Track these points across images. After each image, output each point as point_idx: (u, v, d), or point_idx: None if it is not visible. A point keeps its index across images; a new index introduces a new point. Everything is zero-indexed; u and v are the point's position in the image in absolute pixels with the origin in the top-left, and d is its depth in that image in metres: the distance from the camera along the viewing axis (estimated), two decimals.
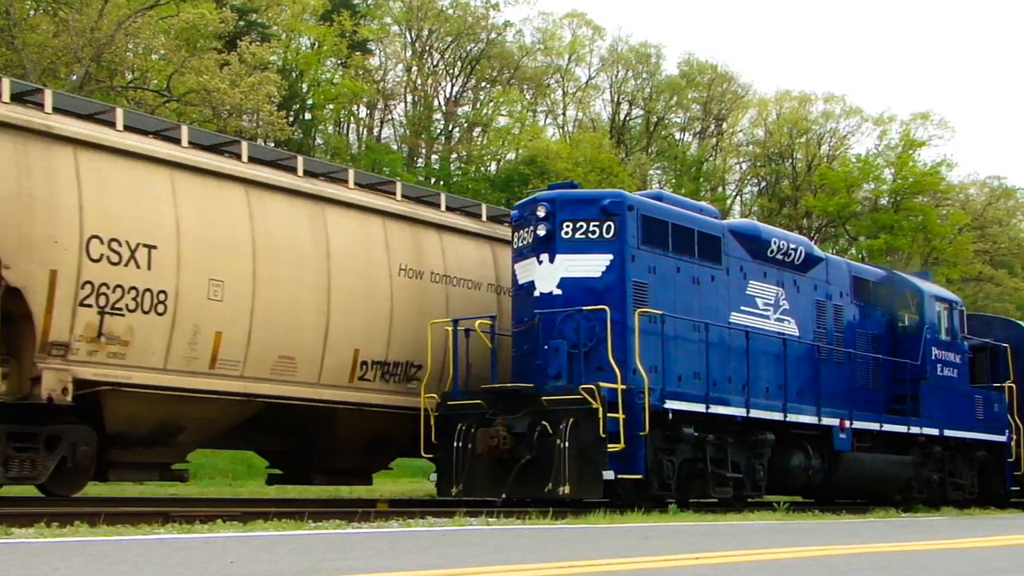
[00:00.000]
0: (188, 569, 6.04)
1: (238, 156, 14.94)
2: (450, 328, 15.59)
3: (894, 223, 52.13)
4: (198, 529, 9.31)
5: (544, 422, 14.22)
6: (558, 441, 13.96)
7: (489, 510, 13.31)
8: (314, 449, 16.36)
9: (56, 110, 13.10)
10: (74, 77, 30.37)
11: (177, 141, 14.25)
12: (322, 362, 15.27)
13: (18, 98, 12.95)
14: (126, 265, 13.09)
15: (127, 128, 13.72)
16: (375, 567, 6.30)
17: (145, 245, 13.30)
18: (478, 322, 15.61)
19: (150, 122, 14.83)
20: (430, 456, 15.25)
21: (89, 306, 12.77)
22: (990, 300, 53.71)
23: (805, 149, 57.39)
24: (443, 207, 17.64)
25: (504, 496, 14.35)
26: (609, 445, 13.82)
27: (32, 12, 32.60)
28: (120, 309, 13.03)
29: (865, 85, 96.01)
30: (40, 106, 12.97)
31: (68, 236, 12.63)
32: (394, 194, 16.95)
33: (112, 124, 13.58)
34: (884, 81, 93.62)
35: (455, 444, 14.71)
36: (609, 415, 13.86)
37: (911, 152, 54.92)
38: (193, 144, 14.46)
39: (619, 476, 13.97)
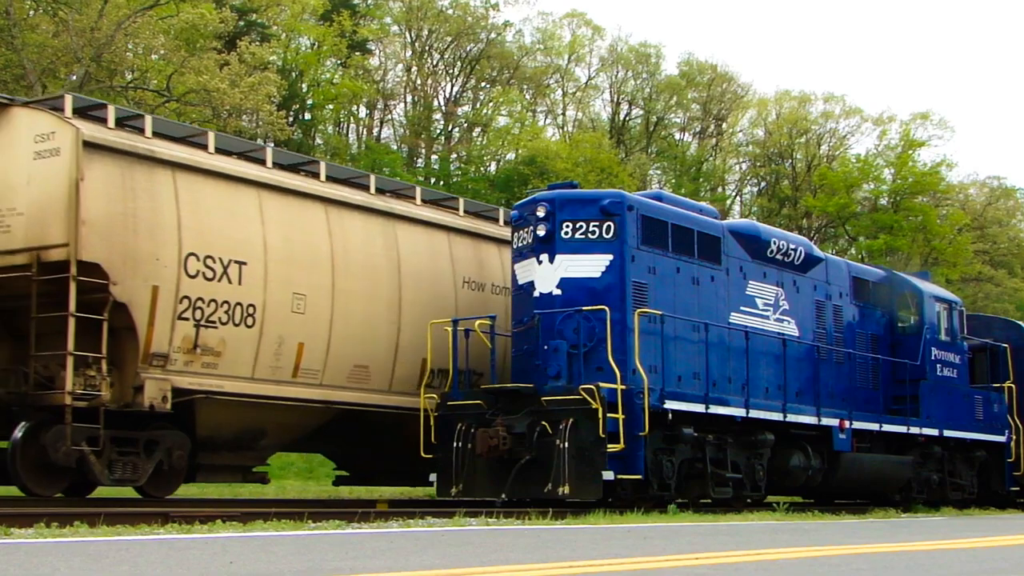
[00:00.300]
0: (188, 569, 6.04)
1: (316, 175, 15.70)
2: (450, 328, 15.61)
3: (894, 223, 52.07)
4: (198, 529, 9.31)
5: (544, 422, 14.22)
6: (558, 441, 13.96)
7: (489, 510, 13.30)
8: (384, 453, 17.04)
9: (155, 134, 13.75)
10: (74, 77, 30.33)
11: (262, 162, 14.96)
12: (393, 370, 16.08)
13: (120, 123, 13.61)
14: (219, 280, 13.81)
15: (217, 150, 14.38)
16: (375, 567, 6.30)
17: (236, 261, 14.02)
18: (478, 322, 15.63)
19: (236, 144, 15.51)
20: (430, 456, 15.26)
21: (186, 319, 13.47)
22: (990, 300, 53.69)
23: (805, 149, 57.34)
24: (501, 221, 18.42)
25: (504, 496, 14.35)
26: (609, 445, 13.82)
27: (32, 12, 32.55)
28: (213, 322, 13.75)
29: (865, 85, 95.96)
30: (141, 131, 13.67)
31: (168, 254, 13.32)
32: (457, 210, 17.84)
33: (204, 147, 14.25)
34: (884, 81, 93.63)
35: (455, 444, 14.71)
36: (609, 415, 13.86)
37: (911, 152, 54.84)
38: (276, 165, 15.15)
39: (619, 476, 13.97)
